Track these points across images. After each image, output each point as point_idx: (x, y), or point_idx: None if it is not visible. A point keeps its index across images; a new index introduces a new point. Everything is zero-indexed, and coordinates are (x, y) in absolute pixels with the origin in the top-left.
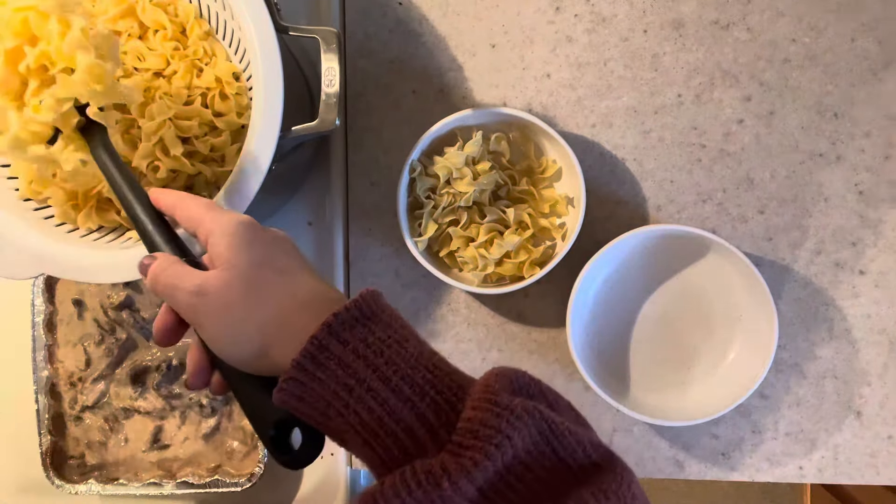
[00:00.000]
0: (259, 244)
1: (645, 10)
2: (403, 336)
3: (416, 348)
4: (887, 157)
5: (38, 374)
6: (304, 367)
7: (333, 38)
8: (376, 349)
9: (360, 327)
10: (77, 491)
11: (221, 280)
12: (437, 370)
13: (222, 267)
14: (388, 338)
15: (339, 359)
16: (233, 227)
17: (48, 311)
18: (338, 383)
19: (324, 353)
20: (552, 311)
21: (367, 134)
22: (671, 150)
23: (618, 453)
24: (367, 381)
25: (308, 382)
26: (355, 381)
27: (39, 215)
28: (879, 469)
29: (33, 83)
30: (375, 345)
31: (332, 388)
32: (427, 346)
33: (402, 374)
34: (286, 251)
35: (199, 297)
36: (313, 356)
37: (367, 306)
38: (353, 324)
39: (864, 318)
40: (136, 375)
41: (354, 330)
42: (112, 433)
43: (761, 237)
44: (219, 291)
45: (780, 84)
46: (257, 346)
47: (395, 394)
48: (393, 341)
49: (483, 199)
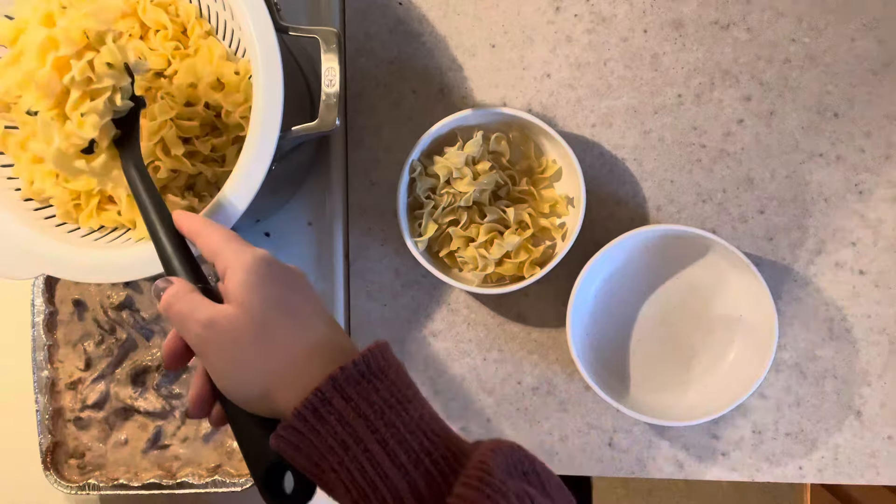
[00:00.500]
0: (274, 284)
1: (645, 10)
2: (406, 397)
3: (418, 411)
4: (887, 157)
5: (38, 374)
6: (304, 417)
7: (333, 38)
8: (378, 409)
9: (364, 384)
10: (77, 491)
11: (232, 318)
12: (436, 436)
13: (235, 303)
14: (391, 397)
15: (340, 414)
16: (249, 264)
17: (48, 311)
18: (335, 439)
19: (326, 406)
20: (552, 311)
21: (367, 134)
22: (671, 150)
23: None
24: (364, 441)
25: (306, 433)
26: (353, 440)
27: (40, 215)
28: (879, 469)
29: (75, 94)
30: (377, 404)
31: (328, 443)
32: (428, 409)
33: (399, 437)
34: (300, 291)
35: (208, 330)
36: (315, 409)
37: (374, 362)
38: (358, 380)
39: (864, 318)
40: (136, 375)
41: (359, 386)
42: (112, 433)
43: (761, 237)
44: (228, 329)
45: (780, 84)
46: (261, 388)
47: (391, 458)
48: (395, 401)
49: (483, 199)
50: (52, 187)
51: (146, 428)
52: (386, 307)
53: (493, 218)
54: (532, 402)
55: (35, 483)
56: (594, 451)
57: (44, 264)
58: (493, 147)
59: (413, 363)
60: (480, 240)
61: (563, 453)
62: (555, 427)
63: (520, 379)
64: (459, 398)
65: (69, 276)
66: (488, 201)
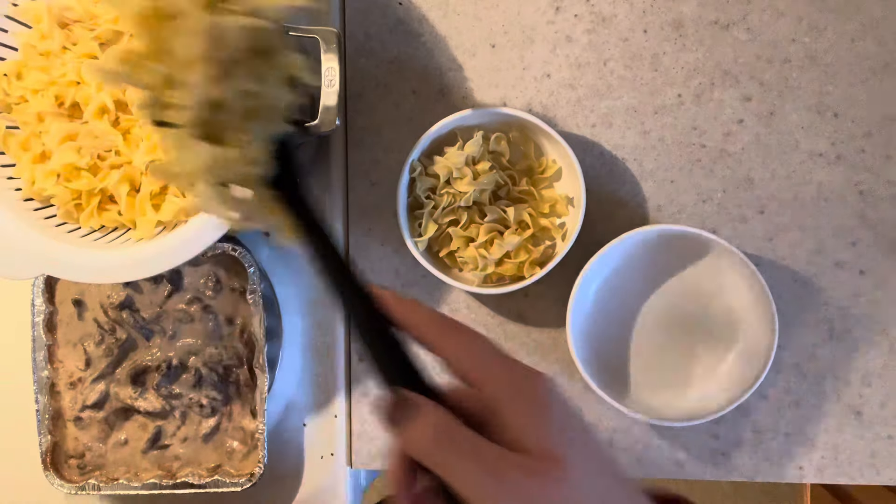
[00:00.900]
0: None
1: (645, 10)
2: None
3: None
4: (887, 157)
5: (38, 374)
6: None
7: (333, 38)
8: None
9: None
10: (77, 491)
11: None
12: None
13: (547, 466)
14: None
15: None
16: (542, 396)
17: (48, 311)
18: None
19: None
20: (552, 311)
21: (367, 134)
22: (671, 151)
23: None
24: None
25: None
26: None
27: (40, 215)
28: (879, 469)
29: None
30: None
31: None
32: None
33: None
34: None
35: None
36: None
37: None
38: None
39: (864, 318)
40: (136, 375)
41: None
42: (112, 433)
43: (761, 237)
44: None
45: (780, 84)
46: None
47: None
48: None
49: (483, 199)
50: (53, 187)
51: (146, 428)
52: None
53: (493, 218)
54: None
55: (35, 483)
56: None
57: (44, 264)
58: (493, 147)
59: None
60: (480, 240)
61: None
62: None
63: None
64: None
65: (69, 276)
66: (488, 201)
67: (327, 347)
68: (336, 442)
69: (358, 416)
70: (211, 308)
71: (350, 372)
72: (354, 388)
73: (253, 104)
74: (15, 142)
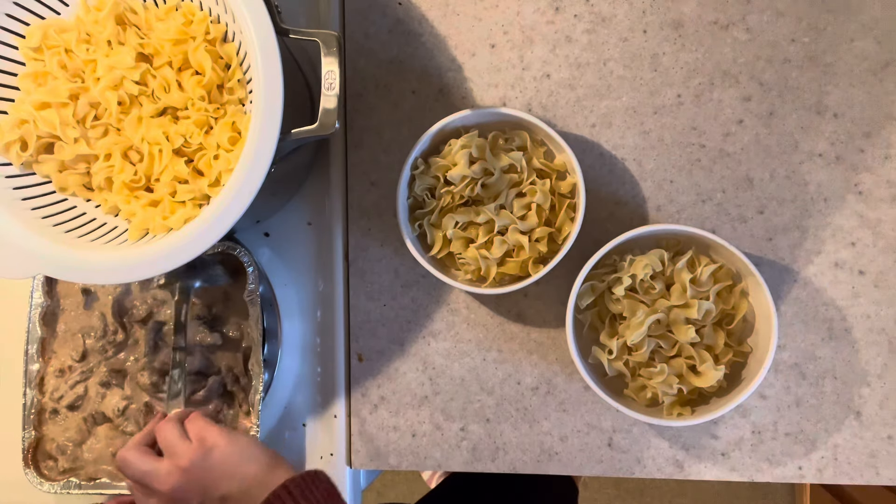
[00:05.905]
0: None
1: (644, 10)
2: None
3: None
4: (887, 157)
5: (28, 367)
6: None
7: (334, 41)
8: None
9: None
10: (58, 490)
11: None
12: None
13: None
14: None
15: None
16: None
17: (45, 305)
18: None
19: None
20: (552, 311)
21: (367, 134)
22: (671, 151)
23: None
24: None
25: None
26: None
27: (39, 215)
28: (879, 469)
29: None
30: None
31: None
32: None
33: None
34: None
35: None
36: None
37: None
38: None
39: (864, 318)
40: (122, 376)
41: None
42: (93, 430)
43: (761, 237)
44: None
45: (780, 84)
46: None
47: None
48: None
49: (483, 198)
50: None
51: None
52: (386, 307)
53: (492, 217)
54: (532, 403)
55: (17, 481)
56: (594, 451)
57: (42, 264)
58: (493, 147)
59: (413, 363)
60: (480, 240)
61: (562, 453)
62: (554, 427)
63: (519, 379)
64: (459, 398)
65: (68, 277)
66: (488, 200)
67: (327, 348)
68: (336, 442)
69: (358, 416)
70: (211, 307)
71: (350, 372)
72: (354, 389)
73: None
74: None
